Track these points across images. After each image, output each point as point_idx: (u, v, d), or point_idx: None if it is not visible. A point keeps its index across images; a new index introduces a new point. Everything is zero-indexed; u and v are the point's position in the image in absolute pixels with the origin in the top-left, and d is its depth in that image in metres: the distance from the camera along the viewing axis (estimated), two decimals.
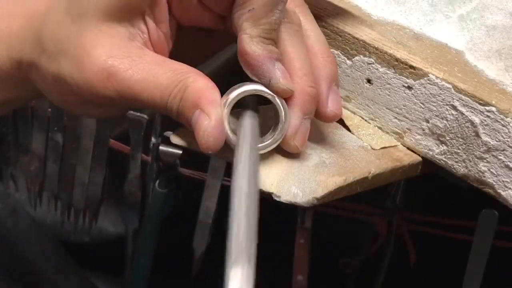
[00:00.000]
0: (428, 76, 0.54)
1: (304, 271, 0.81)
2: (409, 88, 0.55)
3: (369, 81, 0.57)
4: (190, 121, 0.47)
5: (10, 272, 0.77)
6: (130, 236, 0.90)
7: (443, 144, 0.55)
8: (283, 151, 0.51)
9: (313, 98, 0.49)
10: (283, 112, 0.48)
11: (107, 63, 0.47)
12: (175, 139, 0.53)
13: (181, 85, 0.47)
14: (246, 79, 0.49)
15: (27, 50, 0.50)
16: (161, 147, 0.82)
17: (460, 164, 0.54)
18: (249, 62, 0.47)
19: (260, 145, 0.49)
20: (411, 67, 0.55)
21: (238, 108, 0.49)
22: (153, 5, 0.48)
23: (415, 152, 0.56)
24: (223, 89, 0.48)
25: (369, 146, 0.56)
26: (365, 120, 0.58)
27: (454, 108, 0.53)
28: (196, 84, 0.47)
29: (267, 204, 0.45)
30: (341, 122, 0.58)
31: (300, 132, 0.49)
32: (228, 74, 0.54)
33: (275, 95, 0.48)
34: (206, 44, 0.54)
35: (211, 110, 0.46)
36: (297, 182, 0.50)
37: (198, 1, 0.49)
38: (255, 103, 0.49)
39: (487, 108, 0.51)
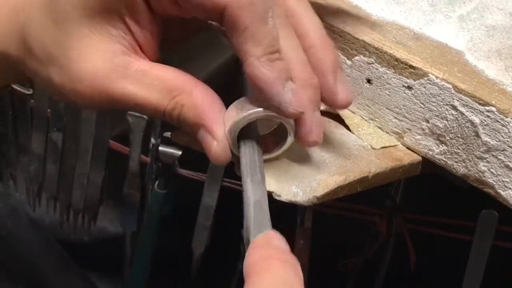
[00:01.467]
0: (428, 76, 0.54)
1: (304, 272, 0.81)
2: (409, 88, 0.55)
3: (369, 81, 0.57)
4: (194, 135, 0.46)
5: (11, 272, 0.77)
6: (129, 236, 0.90)
7: (443, 144, 0.55)
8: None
9: (316, 88, 0.48)
10: (291, 130, 0.48)
11: (93, 77, 0.46)
12: (175, 137, 0.53)
13: (177, 100, 0.46)
14: (245, 82, 0.48)
15: (13, 47, 0.49)
16: (161, 148, 0.82)
17: (460, 164, 0.54)
18: (259, 86, 0.45)
19: (267, 157, 0.49)
20: (411, 67, 0.55)
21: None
22: (130, 7, 0.46)
23: (415, 152, 0.56)
24: (221, 91, 0.48)
25: (369, 145, 0.56)
26: (365, 120, 0.58)
27: (454, 108, 0.53)
28: (192, 100, 0.46)
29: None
30: (341, 121, 0.58)
31: (314, 127, 0.48)
32: (226, 76, 0.54)
33: (282, 117, 0.47)
34: (193, 22, 0.51)
35: (217, 132, 0.46)
36: (297, 181, 0.50)
37: (176, 5, 0.47)
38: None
39: (487, 108, 0.51)
